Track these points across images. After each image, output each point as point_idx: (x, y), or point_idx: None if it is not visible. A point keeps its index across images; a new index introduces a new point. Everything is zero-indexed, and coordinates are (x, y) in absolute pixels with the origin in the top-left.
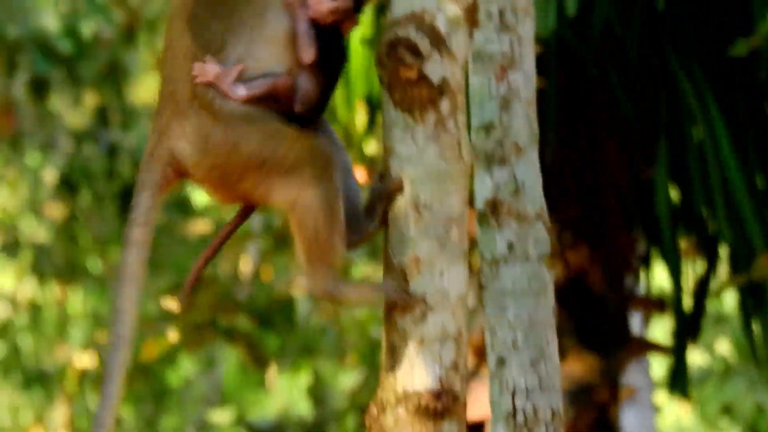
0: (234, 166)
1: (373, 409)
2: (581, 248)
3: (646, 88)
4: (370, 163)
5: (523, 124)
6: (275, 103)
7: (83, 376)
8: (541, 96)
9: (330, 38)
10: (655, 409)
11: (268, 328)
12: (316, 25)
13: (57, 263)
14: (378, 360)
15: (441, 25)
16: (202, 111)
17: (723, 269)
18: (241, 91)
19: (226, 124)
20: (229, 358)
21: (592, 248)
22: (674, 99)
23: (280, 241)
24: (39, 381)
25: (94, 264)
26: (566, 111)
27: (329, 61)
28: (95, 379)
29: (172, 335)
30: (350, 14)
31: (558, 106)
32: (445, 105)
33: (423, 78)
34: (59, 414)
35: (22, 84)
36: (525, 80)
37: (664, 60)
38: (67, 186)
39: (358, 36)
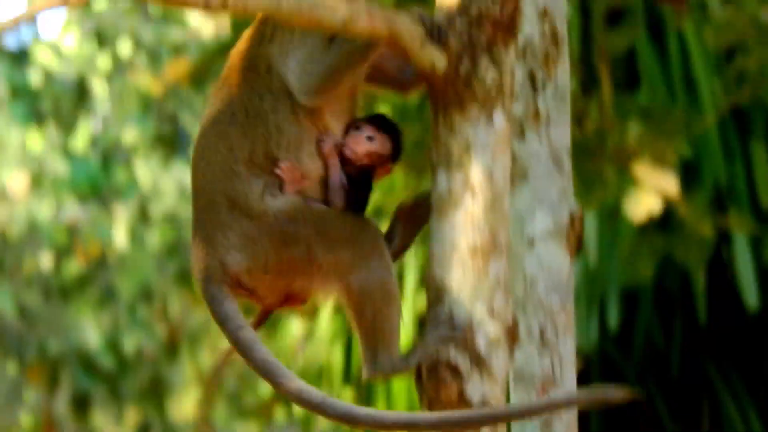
0: (286, 263)
1: None
2: None
3: (686, 399)
4: None
5: None
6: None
7: None
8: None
9: (360, 179)
10: None
11: None
12: (349, 163)
13: None
14: None
15: (481, 345)
16: (244, 217)
17: None
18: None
19: (270, 223)
20: None
21: None
22: (715, 411)
23: None
24: None
25: None
26: (607, 423)
27: (357, 200)
28: None
29: None
30: (386, 161)
31: (599, 418)
32: None
33: (463, 398)
34: None
35: (64, 400)
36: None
37: (705, 372)
38: None
39: None
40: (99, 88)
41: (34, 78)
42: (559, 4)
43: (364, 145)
